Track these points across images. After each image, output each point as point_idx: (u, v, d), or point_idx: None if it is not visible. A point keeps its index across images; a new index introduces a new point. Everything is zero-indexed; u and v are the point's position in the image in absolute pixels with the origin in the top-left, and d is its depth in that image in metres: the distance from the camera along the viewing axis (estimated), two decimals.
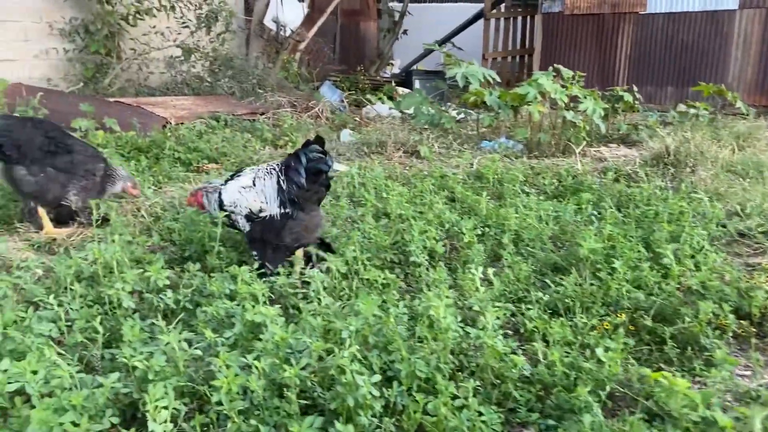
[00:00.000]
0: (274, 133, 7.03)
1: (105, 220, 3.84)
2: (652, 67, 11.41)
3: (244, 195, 3.40)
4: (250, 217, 3.40)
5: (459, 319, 2.52)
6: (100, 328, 2.47)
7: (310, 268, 3.20)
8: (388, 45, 15.84)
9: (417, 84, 13.44)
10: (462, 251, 3.63)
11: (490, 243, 3.84)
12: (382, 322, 2.36)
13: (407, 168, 6.00)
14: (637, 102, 7.25)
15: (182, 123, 7.05)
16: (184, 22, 9.22)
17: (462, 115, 7.82)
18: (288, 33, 11.61)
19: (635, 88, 7.42)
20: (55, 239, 3.82)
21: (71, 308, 2.65)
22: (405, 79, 13.82)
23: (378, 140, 6.83)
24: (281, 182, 3.31)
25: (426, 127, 7.29)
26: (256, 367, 2.07)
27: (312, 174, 3.23)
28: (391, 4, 17.04)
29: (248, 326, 2.50)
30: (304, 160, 3.22)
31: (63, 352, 2.36)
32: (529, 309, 2.90)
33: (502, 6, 13.59)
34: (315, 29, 12.30)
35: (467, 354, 2.56)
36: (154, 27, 8.95)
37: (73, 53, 8.47)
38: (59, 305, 2.57)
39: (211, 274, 3.19)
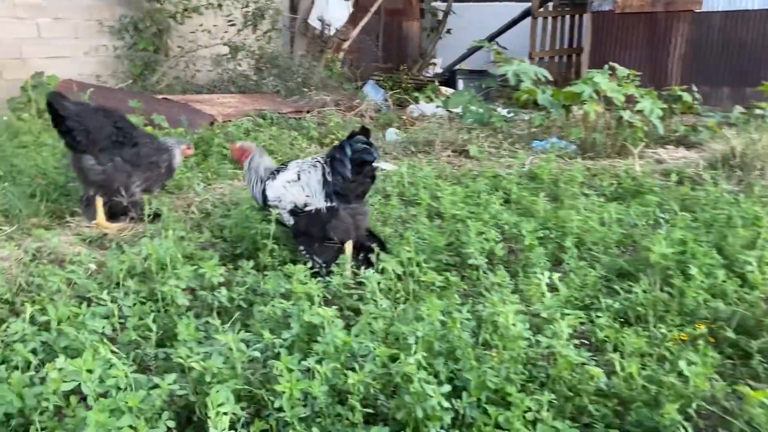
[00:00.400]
0: (319, 131, 6.95)
1: (156, 216, 3.79)
2: (707, 67, 11.00)
3: (289, 189, 3.35)
4: (294, 211, 3.34)
5: (526, 326, 2.36)
6: (154, 326, 2.40)
7: (366, 269, 3.08)
8: (431, 44, 15.68)
9: (461, 83, 13.25)
10: (522, 254, 3.47)
11: (550, 246, 3.66)
12: (447, 328, 2.23)
13: (456, 167, 5.85)
14: (696, 102, 6.94)
15: (229, 120, 7.03)
16: (231, 20, 9.24)
17: (512, 114, 7.62)
18: (332, 32, 11.55)
19: (695, 88, 7.11)
20: (106, 234, 3.79)
21: (124, 305, 2.58)
22: (448, 78, 13.66)
23: (425, 139, 6.68)
24: (326, 175, 3.25)
25: (474, 126, 7.11)
26: (318, 372, 1.96)
27: (357, 165, 3.16)
28: (434, 3, 16.88)
29: (305, 327, 2.39)
30: (349, 151, 3.16)
31: (116, 351, 2.29)
32: (598, 317, 2.72)
33: (550, 4, 13.31)
34: (359, 28, 12.24)
35: (536, 364, 2.40)
36: (201, 25, 9.00)
37: (122, 50, 8.56)
38: (112, 301, 2.51)
39: (265, 273, 3.10)
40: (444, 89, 11.87)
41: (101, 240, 3.73)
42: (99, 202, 3.91)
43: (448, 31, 15.76)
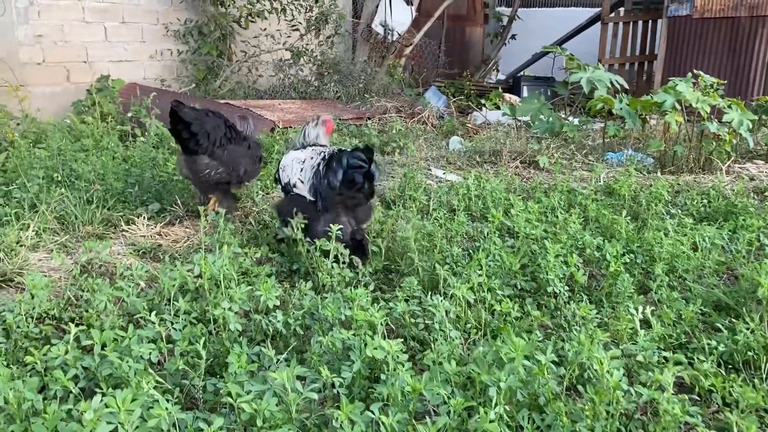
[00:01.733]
0: (381, 138, 6.73)
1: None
2: None
3: (293, 165, 3.50)
4: (285, 189, 3.51)
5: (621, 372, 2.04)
6: (203, 353, 2.19)
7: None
8: (495, 50, 15.30)
9: (525, 90, 12.83)
10: (605, 281, 3.12)
11: (636, 273, 3.31)
12: (532, 375, 1.93)
13: (525, 180, 5.51)
14: None
15: (290, 126, 6.89)
16: (294, 25, 9.14)
17: (584, 124, 7.22)
18: (395, 37, 11.34)
19: None
20: (160, 245, 3.64)
21: (173, 328, 2.39)
22: (512, 85, 13.26)
23: (491, 149, 6.36)
24: (320, 170, 3.32)
25: (544, 135, 6.75)
26: (384, 424, 1.70)
27: (348, 180, 3.17)
28: (499, 8, 16.50)
29: (367, 362, 2.14)
30: (344, 163, 3.17)
31: (161, 381, 2.09)
32: (701, 361, 2.37)
33: (621, 9, 12.74)
34: (421, 34, 12.01)
35: (633, 417, 2.08)
36: (264, 29, 8.92)
37: (186, 54, 8.56)
38: (161, 322, 2.32)
39: (323, 294, 2.87)
40: (508, 96, 11.49)
41: (155, 251, 3.58)
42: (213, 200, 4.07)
43: (513, 37, 15.37)
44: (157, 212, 4.15)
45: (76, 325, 2.20)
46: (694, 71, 6.21)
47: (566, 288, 2.97)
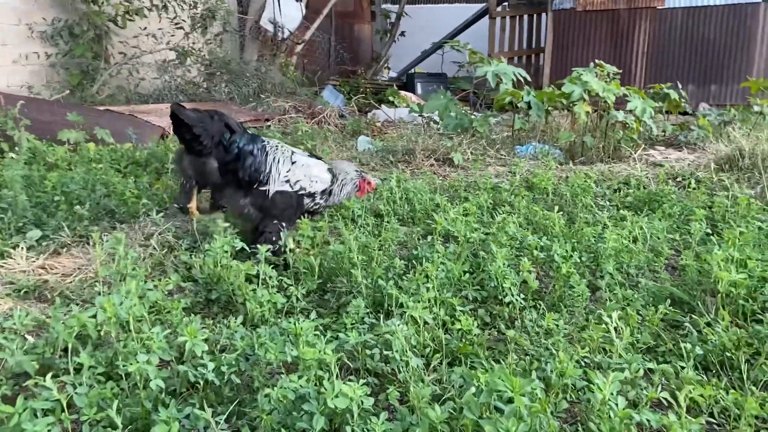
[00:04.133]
0: (286, 141, 6.28)
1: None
2: (671, 65, 10.83)
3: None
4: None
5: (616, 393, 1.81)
6: (118, 420, 1.74)
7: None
8: (385, 47, 15.18)
9: (419, 87, 12.79)
10: (556, 284, 2.92)
11: (582, 271, 3.14)
12: (532, 413, 1.65)
13: (443, 178, 5.30)
14: (683, 101, 6.60)
15: None
16: (177, 23, 8.47)
17: (495, 119, 7.14)
18: (285, 34, 10.88)
19: (679, 85, 6.80)
20: (46, 281, 3.05)
21: (76, 391, 1.90)
22: (405, 82, 13.18)
23: (404, 147, 6.11)
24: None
25: (454, 132, 6.59)
26: None
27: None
28: (384, 6, 16.39)
29: (327, 412, 1.78)
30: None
31: None
32: (682, 367, 2.21)
33: (506, 4, 12.96)
34: (312, 31, 11.61)
35: None
36: (144, 28, 8.21)
37: (56, 58, 7.69)
38: (58, 386, 1.83)
39: (256, 327, 2.47)
40: (403, 93, 11.36)
41: (40, 290, 2.99)
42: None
43: (402, 34, 15.32)
44: (37, 240, 3.52)
45: None
46: (597, 61, 6.28)
47: (520, 296, 2.74)
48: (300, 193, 3.38)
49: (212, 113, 3.82)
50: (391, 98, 9.13)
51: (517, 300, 2.68)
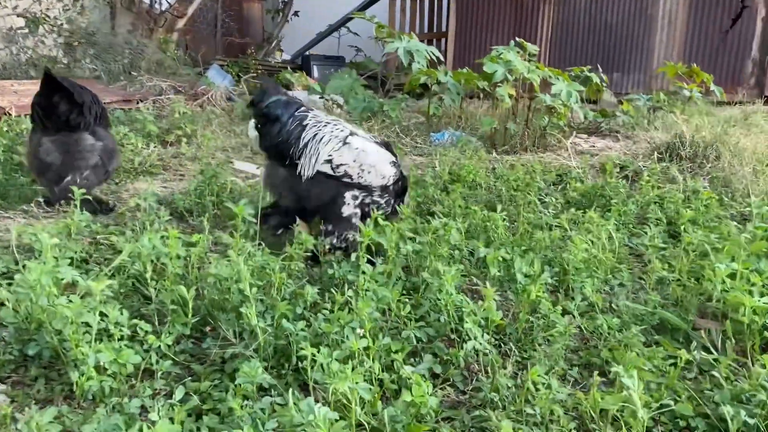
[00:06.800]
0: (160, 125, 5.21)
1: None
2: (574, 50, 10.58)
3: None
4: None
5: None
6: None
7: None
8: (278, 28, 14.11)
9: (316, 70, 11.91)
10: (522, 311, 2.18)
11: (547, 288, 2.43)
12: None
13: None
14: (604, 85, 6.13)
15: (28, 114, 5.05)
16: None
17: (402, 102, 6.37)
18: (164, 6, 9.62)
19: (600, 69, 6.35)
20: None
21: None
22: (301, 65, 12.24)
23: None
24: None
25: (361, 116, 5.77)
26: None
27: None
28: None
29: None
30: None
31: None
32: None
33: None
34: (195, 5, 10.38)
35: None
36: None
37: None
38: None
39: (83, 406, 1.55)
40: (298, 74, 10.43)
41: None
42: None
43: (296, 14, 14.33)
44: None
45: None
46: (518, 39, 5.66)
47: (482, 335, 1.97)
48: (344, 180, 2.67)
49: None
50: (288, 77, 8.15)
51: (481, 344, 1.91)
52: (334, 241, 2.68)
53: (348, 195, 2.70)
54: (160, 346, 1.87)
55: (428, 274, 2.23)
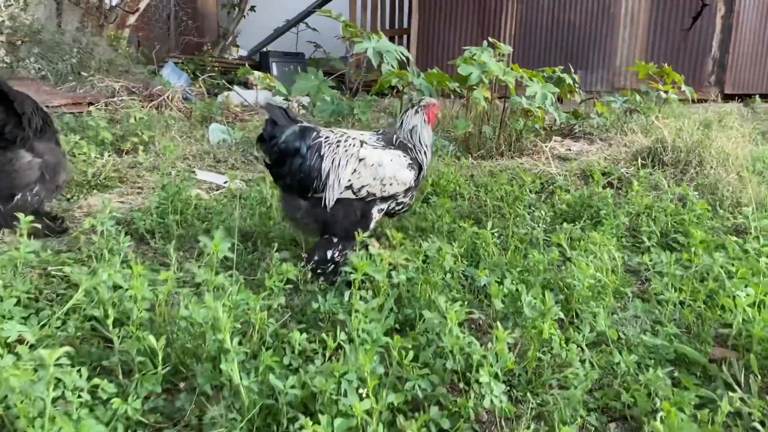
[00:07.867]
0: (114, 132, 4.85)
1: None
2: (538, 50, 10.51)
3: None
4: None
5: None
6: None
7: None
8: (233, 23, 13.67)
9: (275, 67, 11.56)
10: (531, 347, 1.98)
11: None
12: None
13: None
14: (576, 86, 6.01)
15: None
16: None
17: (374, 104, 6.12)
18: (115, 2, 9.13)
19: (572, 69, 6.22)
20: None
21: None
22: (260, 61, 11.87)
23: None
24: None
25: (331, 119, 5.50)
26: None
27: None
28: None
29: None
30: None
31: None
32: None
33: None
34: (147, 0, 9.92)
35: None
36: None
37: None
38: None
39: None
40: (257, 74, 10.09)
41: None
42: None
43: (252, 9, 13.89)
44: None
45: None
46: (490, 39, 5.48)
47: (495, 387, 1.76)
48: (368, 200, 2.60)
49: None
50: (248, 76, 7.80)
51: (497, 397, 1.70)
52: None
53: (374, 210, 2.62)
54: (127, 410, 1.60)
55: (424, 307, 2.01)
